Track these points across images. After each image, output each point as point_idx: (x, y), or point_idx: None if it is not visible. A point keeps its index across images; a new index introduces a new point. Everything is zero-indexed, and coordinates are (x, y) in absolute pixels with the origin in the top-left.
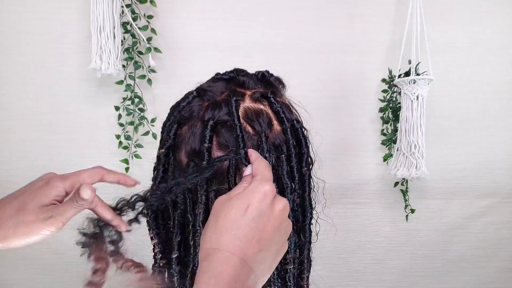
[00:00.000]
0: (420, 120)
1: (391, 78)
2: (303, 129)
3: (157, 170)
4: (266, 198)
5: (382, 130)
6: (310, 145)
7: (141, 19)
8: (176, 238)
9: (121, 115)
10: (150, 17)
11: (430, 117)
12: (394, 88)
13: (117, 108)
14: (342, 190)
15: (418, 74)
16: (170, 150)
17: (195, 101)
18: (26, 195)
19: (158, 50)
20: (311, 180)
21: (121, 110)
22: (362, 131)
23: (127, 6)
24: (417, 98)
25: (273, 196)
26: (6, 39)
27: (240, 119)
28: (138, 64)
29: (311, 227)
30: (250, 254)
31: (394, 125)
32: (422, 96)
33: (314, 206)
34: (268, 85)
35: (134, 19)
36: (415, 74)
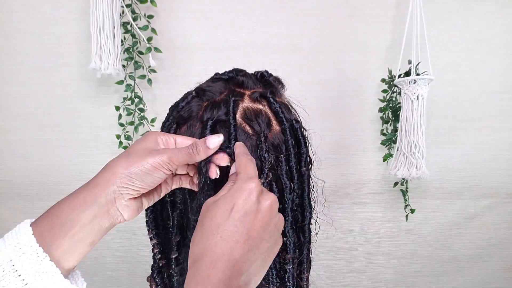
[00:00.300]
0: (420, 120)
1: (391, 78)
2: (302, 129)
3: None
4: (251, 196)
5: (382, 130)
6: (309, 145)
7: (141, 19)
8: (175, 239)
9: (121, 115)
10: (151, 17)
11: (430, 117)
12: (394, 88)
13: (117, 108)
14: (341, 190)
15: (418, 74)
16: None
17: (194, 101)
18: (131, 146)
19: (158, 50)
20: (310, 180)
21: (121, 110)
22: (361, 131)
23: (127, 6)
24: (417, 98)
25: (258, 193)
26: (6, 39)
27: (235, 119)
28: (139, 64)
29: (311, 227)
30: (239, 254)
31: (394, 125)
32: (422, 96)
33: (313, 206)
34: (267, 85)
35: (134, 19)
36: (415, 74)
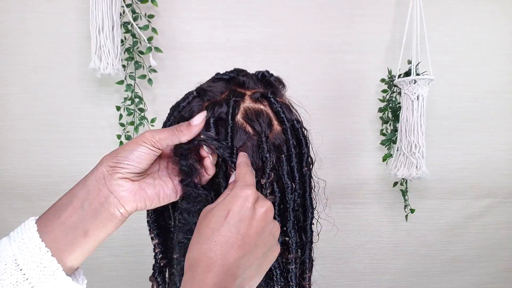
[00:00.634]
0: (420, 120)
1: (391, 78)
2: (303, 129)
3: None
4: (247, 203)
5: (382, 130)
6: (310, 145)
7: (141, 19)
8: (176, 238)
9: (122, 115)
10: (151, 16)
11: (430, 117)
12: (394, 88)
13: (118, 108)
14: (341, 190)
15: (418, 74)
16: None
17: (195, 101)
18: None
19: (159, 49)
20: (312, 180)
21: (121, 110)
22: (361, 131)
23: (128, 6)
24: (417, 98)
25: (254, 200)
26: (6, 39)
27: (234, 118)
28: (139, 64)
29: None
30: (233, 259)
31: (393, 125)
32: (422, 96)
33: (315, 206)
34: (268, 85)
35: (135, 19)
36: (415, 74)
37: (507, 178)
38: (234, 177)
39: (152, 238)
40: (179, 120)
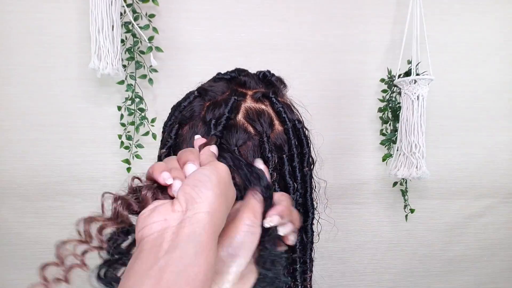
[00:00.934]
0: (420, 120)
1: (391, 78)
2: (305, 129)
3: None
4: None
5: (381, 130)
6: (311, 145)
7: (142, 18)
8: None
9: (123, 115)
10: (152, 16)
11: (430, 117)
12: (394, 88)
13: (119, 108)
14: (341, 190)
15: (418, 74)
16: (171, 150)
17: (196, 101)
18: None
19: (159, 49)
20: (313, 180)
21: (122, 110)
22: (361, 131)
23: (128, 6)
24: (417, 98)
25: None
26: (6, 39)
27: (231, 113)
28: (140, 63)
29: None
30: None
31: (393, 125)
32: (422, 96)
33: (316, 206)
34: (269, 85)
35: (136, 19)
36: (416, 74)
37: (507, 178)
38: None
39: None
40: (180, 120)
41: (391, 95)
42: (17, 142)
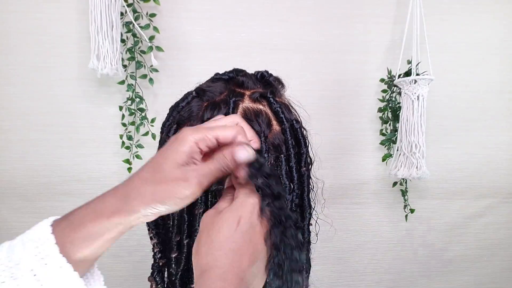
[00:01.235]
0: (420, 120)
1: (390, 78)
2: (303, 129)
3: None
4: (255, 210)
5: (381, 130)
6: (309, 145)
7: (143, 18)
8: (175, 238)
9: (124, 115)
10: (153, 15)
11: (430, 117)
12: (394, 88)
13: (120, 108)
14: (341, 190)
15: (418, 74)
16: None
17: (195, 101)
18: (160, 154)
19: (160, 49)
20: (310, 180)
21: (123, 110)
22: (361, 131)
23: (129, 6)
24: (417, 98)
25: (259, 207)
26: (6, 39)
27: (229, 114)
28: (140, 63)
29: (310, 228)
30: (245, 267)
31: (393, 125)
32: (422, 96)
33: (313, 207)
34: (267, 85)
35: (136, 18)
36: (416, 74)
37: (507, 178)
38: (228, 181)
39: (151, 238)
40: (179, 120)
41: (391, 95)
42: (17, 142)
